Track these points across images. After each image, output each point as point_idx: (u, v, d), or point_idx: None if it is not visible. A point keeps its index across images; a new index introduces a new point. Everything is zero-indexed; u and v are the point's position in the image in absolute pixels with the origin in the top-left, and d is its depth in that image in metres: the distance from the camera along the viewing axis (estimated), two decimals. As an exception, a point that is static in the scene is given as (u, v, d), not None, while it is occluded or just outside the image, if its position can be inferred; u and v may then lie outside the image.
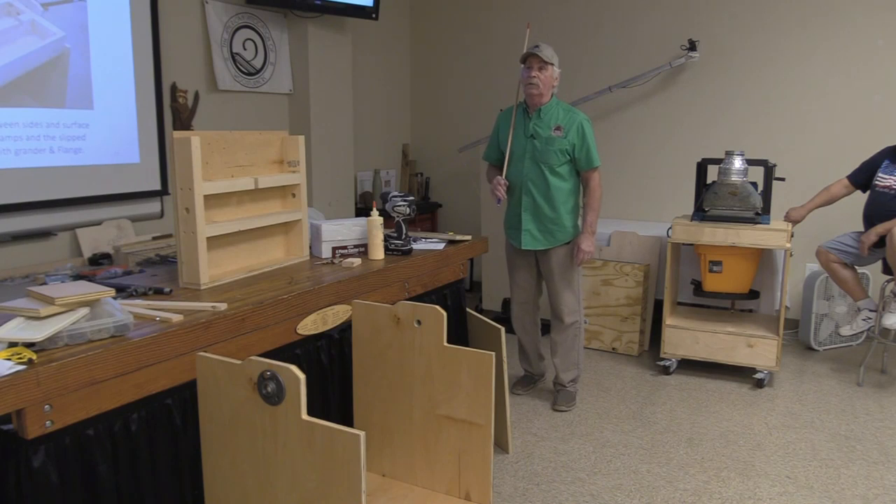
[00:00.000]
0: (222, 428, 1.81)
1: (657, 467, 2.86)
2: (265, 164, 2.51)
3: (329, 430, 1.63)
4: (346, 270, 2.49)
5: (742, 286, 3.86)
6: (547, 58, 3.17)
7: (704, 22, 4.71)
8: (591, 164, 3.25)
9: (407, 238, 2.82)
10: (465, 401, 2.27)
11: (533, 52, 3.18)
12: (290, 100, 4.67)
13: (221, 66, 4.18)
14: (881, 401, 3.55)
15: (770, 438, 3.13)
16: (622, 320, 4.24)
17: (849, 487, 2.71)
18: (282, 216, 2.55)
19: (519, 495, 2.64)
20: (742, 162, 3.70)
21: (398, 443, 2.41)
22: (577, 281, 3.40)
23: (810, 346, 4.33)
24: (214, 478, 1.86)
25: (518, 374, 3.71)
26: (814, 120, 4.50)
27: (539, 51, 3.17)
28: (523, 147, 3.28)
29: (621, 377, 3.88)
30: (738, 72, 4.66)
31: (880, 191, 3.69)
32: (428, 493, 2.38)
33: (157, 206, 3.91)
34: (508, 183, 3.32)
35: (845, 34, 4.36)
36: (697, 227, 3.76)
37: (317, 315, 2.27)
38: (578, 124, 3.22)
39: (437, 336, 2.26)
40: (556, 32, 5.16)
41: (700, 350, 3.84)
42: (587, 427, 3.24)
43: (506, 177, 3.35)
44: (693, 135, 4.84)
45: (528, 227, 3.32)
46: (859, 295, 3.82)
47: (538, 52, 3.17)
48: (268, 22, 4.45)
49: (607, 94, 4.91)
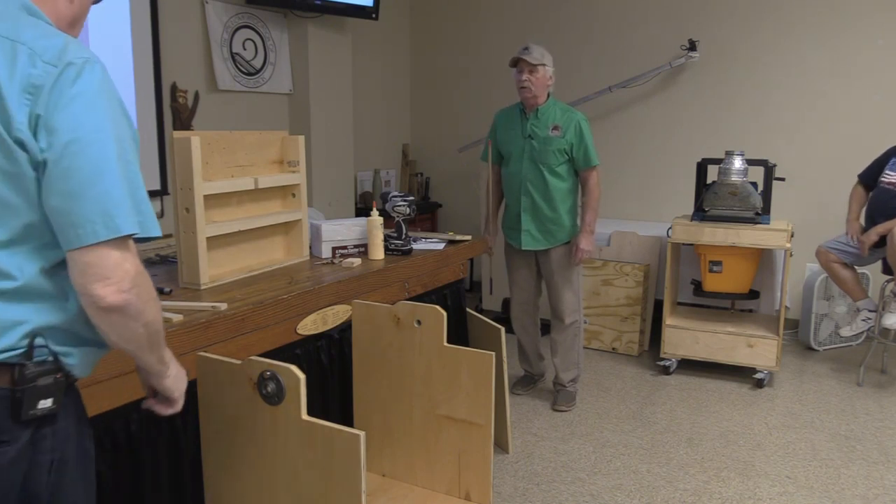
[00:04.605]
0: (222, 428, 1.81)
1: (657, 467, 2.86)
2: (265, 164, 2.51)
3: (329, 430, 1.63)
4: (346, 270, 2.49)
5: (742, 286, 3.86)
6: (536, 60, 3.14)
7: (704, 22, 4.71)
8: (589, 163, 3.25)
9: (407, 238, 2.82)
10: (465, 401, 2.27)
11: (521, 56, 3.15)
12: (290, 100, 4.67)
13: (221, 66, 4.18)
14: (881, 401, 3.55)
15: (770, 438, 3.13)
16: (622, 320, 4.24)
17: (849, 487, 2.71)
18: (282, 216, 2.55)
19: (519, 495, 2.64)
20: (742, 162, 3.70)
21: (398, 443, 2.41)
22: (578, 280, 3.40)
23: (810, 346, 4.33)
24: (214, 478, 1.86)
25: (518, 374, 3.71)
26: (814, 120, 4.50)
27: (527, 54, 3.15)
28: (521, 147, 3.28)
29: (621, 377, 3.88)
30: (738, 72, 4.66)
31: (885, 188, 3.68)
32: (428, 493, 2.38)
33: (157, 206, 3.91)
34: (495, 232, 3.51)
35: (845, 34, 4.36)
36: (697, 227, 3.76)
37: (317, 315, 2.27)
38: (576, 123, 3.21)
39: (437, 336, 2.26)
40: (556, 32, 5.16)
41: (700, 350, 3.84)
42: (587, 427, 3.24)
43: (504, 177, 3.37)
44: (693, 135, 4.84)
45: (528, 227, 3.32)
46: (859, 295, 3.82)
47: (526, 57, 3.14)
48: (268, 22, 4.45)
49: (607, 94, 4.91)
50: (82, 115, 1.03)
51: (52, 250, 1.07)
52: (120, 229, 1.04)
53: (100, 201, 1.03)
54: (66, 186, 1.02)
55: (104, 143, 1.04)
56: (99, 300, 1.04)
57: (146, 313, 1.10)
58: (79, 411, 1.19)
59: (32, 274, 1.06)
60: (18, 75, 1.01)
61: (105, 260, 1.04)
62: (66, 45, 1.05)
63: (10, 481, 1.07)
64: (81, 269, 1.04)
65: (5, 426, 1.05)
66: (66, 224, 1.03)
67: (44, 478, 1.11)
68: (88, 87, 1.04)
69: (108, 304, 1.05)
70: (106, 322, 1.08)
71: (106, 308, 1.05)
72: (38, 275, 1.07)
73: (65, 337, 1.11)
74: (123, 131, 1.08)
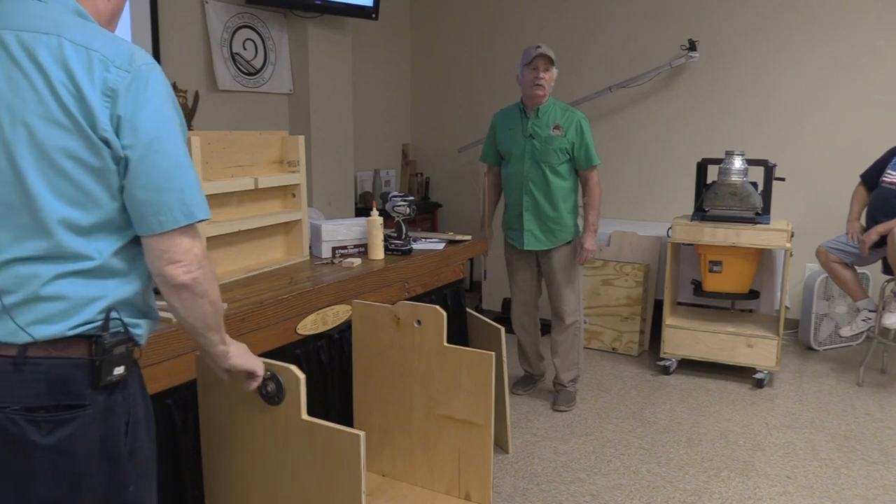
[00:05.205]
0: (222, 428, 1.81)
1: (657, 467, 2.86)
2: (265, 164, 2.51)
3: (329, 430, 1.64)
4: (346, 270, 2.49)
5: (742, 286, 3.86)
6: (553, 58, 3.20)
7: (704, 22, 4.71)
8: (590, 162, 3.25)
9: (407, 238, 2.82)
10: (465, 401, 2.27)
11: (542, 52, 3.17)
12: (290, 100, 4.67)
13: (221, 66, 4.18)
14: (881, 401, 3.55)
15: (770, 438, 3.13)
16: (622, 320, 4.24)
17: (849, 487, 2.71)
18: (282, 216, 2.55)
19: (519, 495, 2.64)
20: (742, 162, 3.70)
21: (398, 443, 2.41)
22: (579, 281, 3.40)
23: (810, 346, 4.33)
24: (214, 478, 1.86)
25: (518, 374, 3.71)
26: (814, 120, 4.50)
27: (547, 50, 3.19)
28: (522, 147, 3.28)
29: (621, 377, 3.88)
30: (738, 72, 4.66)
31: (886, 187, 3.69)
32: (428, 493, 2.38)
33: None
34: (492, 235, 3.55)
35: (845, 34, 4.36)
36: (697, 227, 3.76)
37: (317, 315, 2.27)
38: (577, 123, 3.22)
39: (437, 336, 2.26)
40: (557, 32, 5.16)
41: (700, 350, 3.84)
42: (587, 427, 3.24)
43: (504, 177, 3.38)
44: (693, 135, 4.84)
45: (530, 227, 3.32)
46: (859, 295, 3.82)
47: (548, 53, 3.18)
48: (268, 22, 4.45)
49: (607, 94, 4.91)
50: (157, 114, 1.18)
51: (121, 233, 1.21)
52: (195, 216, 1.21)
53: (178, 192, 1.19)
54: (149, 180, 1.17)
55: (177, 140, 1.21)
56: (171, 279, 1.21)
57: (211, 292, 1.28)
58: (140, 379, 1.33)
59: (107, 255, 1.19)
60: (97, 80, 1.13)
61: (179, 244, 1.20)
62: (132, 52, 1.18)
63: (91, 442, 1.19)
64: (157, 253, 1.20)
65: (86, 392, 1.18)
66: (148, 213, 1.18)
67: (121, 438, 1.24)
68: (159, 89, 1.19)
69: (179, 283, 1.22)
70: (177, 298, 1.25)
71: (177, 286, 1.22)
72: (111, 256, 1.20)
73: (132, 310, 1.25)
74: (183, 126, 1.24)
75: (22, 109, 1.13)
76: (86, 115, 1.13)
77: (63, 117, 1.13)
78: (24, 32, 1.14)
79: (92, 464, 1.20)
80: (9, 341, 1.15)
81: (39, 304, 1.15)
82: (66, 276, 1.16)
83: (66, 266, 1.16)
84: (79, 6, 1.22)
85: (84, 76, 1.13)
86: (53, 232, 1.15)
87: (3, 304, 1.15)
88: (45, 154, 1.13)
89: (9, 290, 1.15)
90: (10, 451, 1.15)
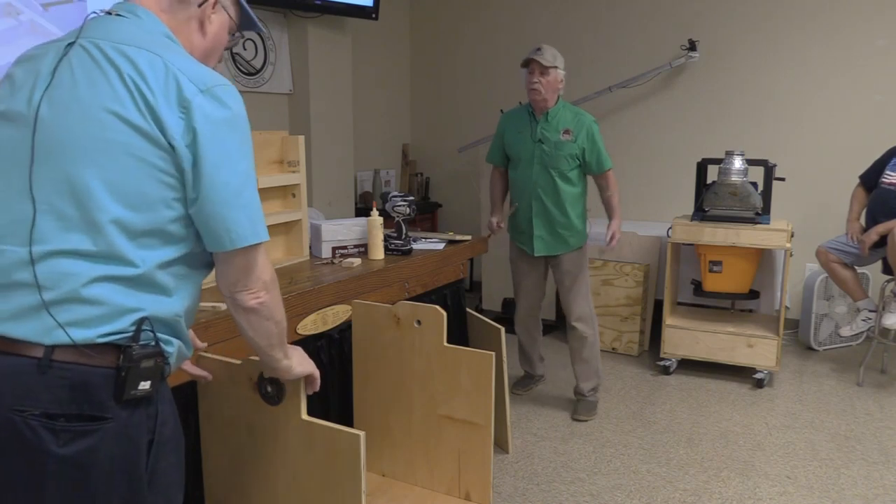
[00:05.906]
0: (222, 428, 1.81)
1: (657, 467, 2.86)
2: (265, 164, 2.51)
3: (329, 430, 1.64)
4: (346, 270, 2.49)
5: (742, 286, 3.86)
6: (548, 62, 3.09)
7: (704, 22, 4.71)
8: (602, 167, 3.22)
9: (407, 238, 2.82)
10: (465, 401, 2.27)
11: (534, 56, 3.09)
12: (290, 100, 4.67)
13: (221, 66, 4.18)
14: (881, 401, 3.55)
15: (770, 438, 3.13)
16: (622, 320, 4.24)
17: (849, 487, 2.71)
18: (282, 216, 2.55)
19: (519, 495, 2.64)
20: (742, 162, 3.70)
21: (398, 443, 2.41)
22: (588, 285, 3.36)
23: (810, 346, 4.33)
24: (214, 478, 1.86)
25: (518, 374, 3.71)
26: (814, 120, 4.50)
27: (540, 55, 3.09)
28: (531, 152, 3.21)
29: (621, 377, 3.88)
30: (738, 72, 4.66)
31: (885, 188, 3.69)
32: (428, 493, 2.38)
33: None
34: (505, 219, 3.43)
35: (845, 34, 4.36)
36: (697, 227, 3.76)
37: (317, 315, 2.27)
38: (588, 127, 3.16)
39: (437, 336, 2.26)
40: (557, 32, 5.16)
41: (700, 350, 3.84)
42: (587, 427, 3.24)
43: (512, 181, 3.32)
44: (693, 135, 4.84)
45: (540, 232, 3.27)
46: (859, 295, 3.82)
47: (539, 58, 3.08)
48: (268, 22, 4.45)
49: (607, 94, 4.91)
50: (231, 133, 1.21)
51: (171, 247, 1.20)
52: (261, 236, 1.24)
53: (246, 209, 1.22)
54: (221, 196, 1.18)
55: (247, 159, 1.24)
56: (241, 303, 1.27)
57: (276, 314, 1.33)
58: (170, 398, 1.29)
59: (151, 265, 1.17)
60: (173, 92, 1.15)
61: (251, 267, 1.25)
62: (212, 74, 1.22)
63: (110, 459, 1.14)
64: (230, 273, 1.24)
65: (108, 405, 1.13)
66: (220, 228, 1.20)
67: (142, 459, 1.19)
68: (234, 109, 1.22)
69: (247, 307, 1.27)
70: (245, 320, 1.30)
71: (245, 309, 1.28)
72: (155, 267, 1.18)
73: (167, 329, 1.22)
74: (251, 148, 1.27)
75: (92, 102, 1.14)
76: (156, 119, 1.14)
77: (135, 114, 1.13)
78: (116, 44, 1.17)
79: (108, 482, 1.14)
80: (36, 341, 1.10)
81: (78, 306, 1.11)
82: (107, 281, 1.13)
83: (107, 269, 1.13)
84: (169, 32, 1.26)
85: (160, 85, 1.15)
86: (104, 230, 1.12)
87: (42, 299, 1.10)
88: (108, 147, 1.13)
89: (48, 285, 1.11)
90: (23, 459, 1.09)
